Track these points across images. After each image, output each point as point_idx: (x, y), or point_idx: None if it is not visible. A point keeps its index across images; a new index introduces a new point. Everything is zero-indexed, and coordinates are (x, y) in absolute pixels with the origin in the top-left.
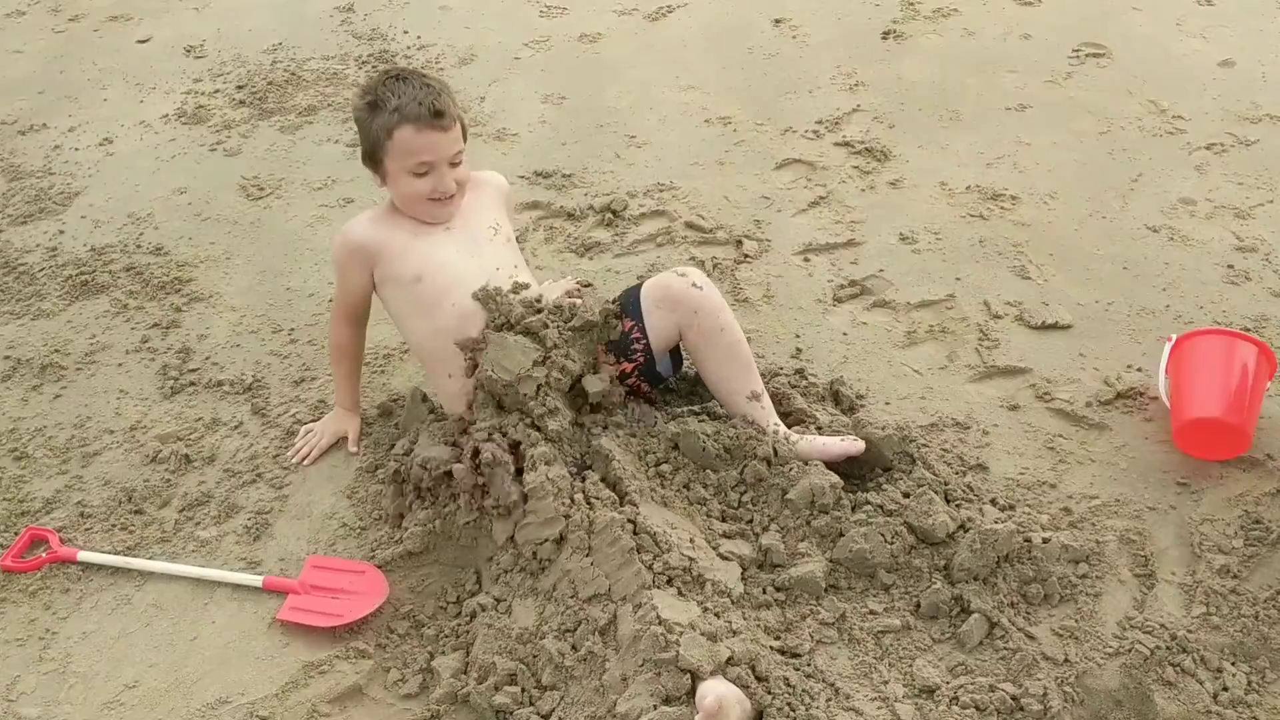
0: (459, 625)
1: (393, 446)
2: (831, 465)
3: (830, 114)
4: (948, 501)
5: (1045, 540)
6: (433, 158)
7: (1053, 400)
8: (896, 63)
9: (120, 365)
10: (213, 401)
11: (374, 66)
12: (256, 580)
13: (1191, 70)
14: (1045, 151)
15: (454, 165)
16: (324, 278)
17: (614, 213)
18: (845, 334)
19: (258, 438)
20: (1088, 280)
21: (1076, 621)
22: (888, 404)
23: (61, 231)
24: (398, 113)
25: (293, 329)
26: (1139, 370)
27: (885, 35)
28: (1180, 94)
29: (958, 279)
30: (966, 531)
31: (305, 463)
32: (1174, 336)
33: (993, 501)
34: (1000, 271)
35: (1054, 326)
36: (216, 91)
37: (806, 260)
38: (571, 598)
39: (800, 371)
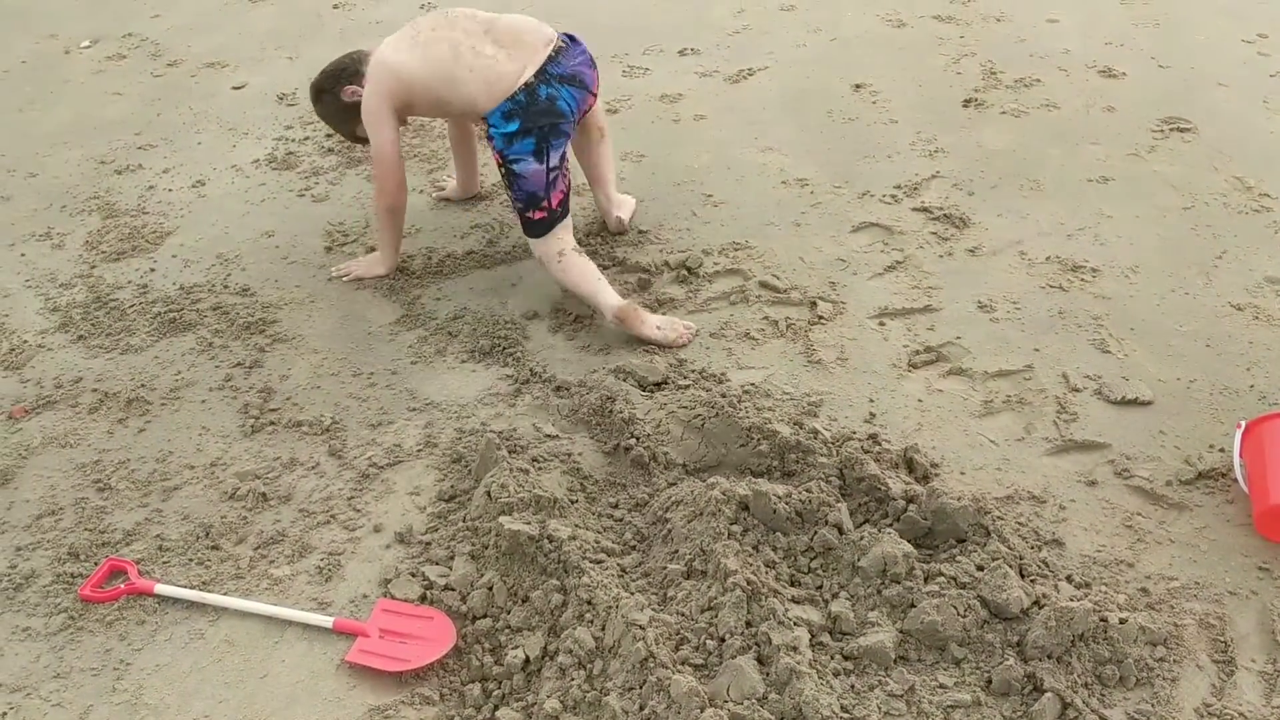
0: (524, 678)
1: (469, 495)
2: (905, 535)
3: (909, 179)
4: (1022, 576)
5: (1122, 621)
6: None
7: (1132, 477)
8: (977, 131)
9: (204, 402)
10: (291, 441)
11: None
12: (327, 621)
13: (1278, 148)
14: (1127, 224)
15: None
16: (404, 324)
17: (689, 270)
18: (920, 400)
19: (333, 479)
20: (1169, 356)
21: (1152, 706)
22: (963, 474)
23: (153, 269)
24: None
25: (372, 373)
26: (1221, 450)
27: (966, 103)
28: (1267, 171)
29: (1036, 350)
30: (1041, 608)
31: (343, 279)
32: (1244, 422)
33: (1068, 578)
34: (1080, 344)
35: (1134, 402)
36: (306, 139)
37: (882, 324)
38: (634, 664)
39: (874, 437)
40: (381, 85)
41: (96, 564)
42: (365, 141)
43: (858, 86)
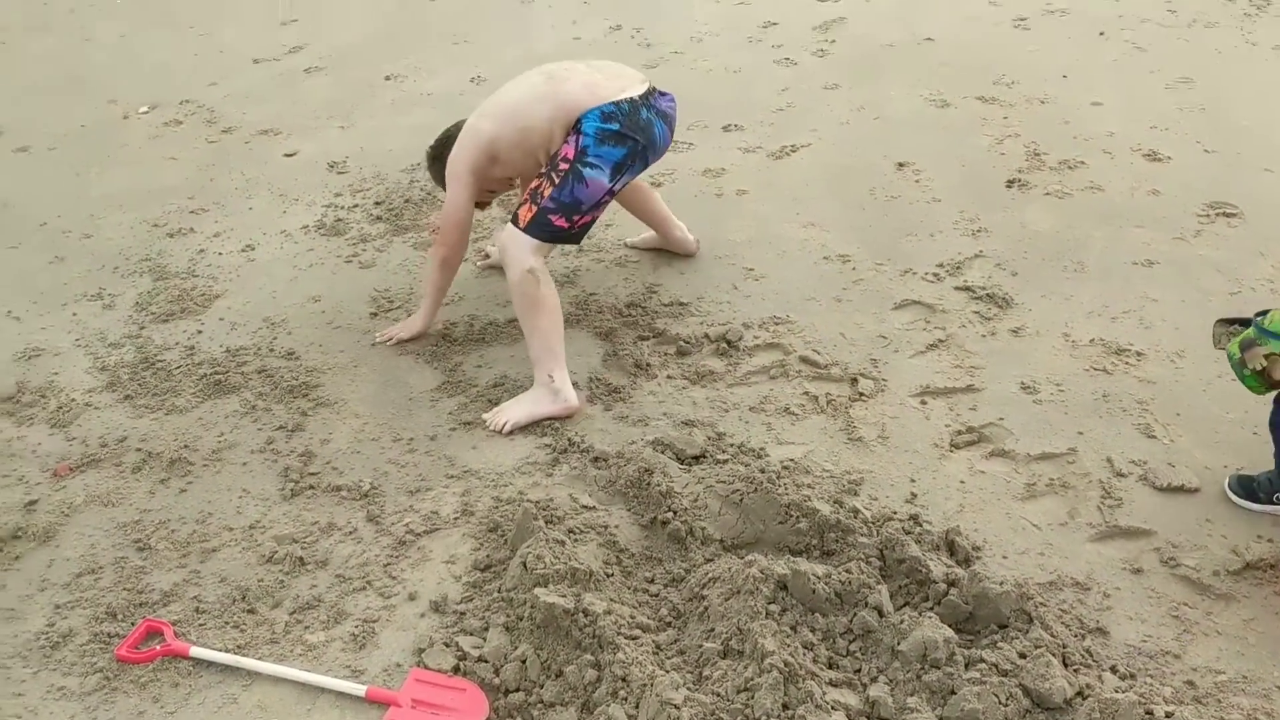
0: None
1: (505, 565)
2: (945, 619)
3: (951, 258)
4: (1065, 665)
5: (1169, 715)
6: None
7: (1178, 566)
8: (1020, 211)
9: (245, 464)
10: (330, 506)
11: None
12: (360, 690)
13: None
14: (1172, 309)
15: None
16: (445, 391)
17: (729, 343)
18: (962, 482)
19: (370, 545)
20: (1216, 444)
21: None
22: (1005, 558)
23: (200, 331)
24: None
25: (412, 439)
26: (1269, 541)
27: (1010, 184)
28: None
29: (1080, 433)
30: (1085, 699)
31: (387, 344)
32: None
33: (1113, 669)
34: (1124, 428)
35: (1180, 489)
36: (355, 206)
37: (924, 403)
38: None
39: (915, 518)
40: (463, 149)
41: (133, 624)
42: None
43: (901, 165)
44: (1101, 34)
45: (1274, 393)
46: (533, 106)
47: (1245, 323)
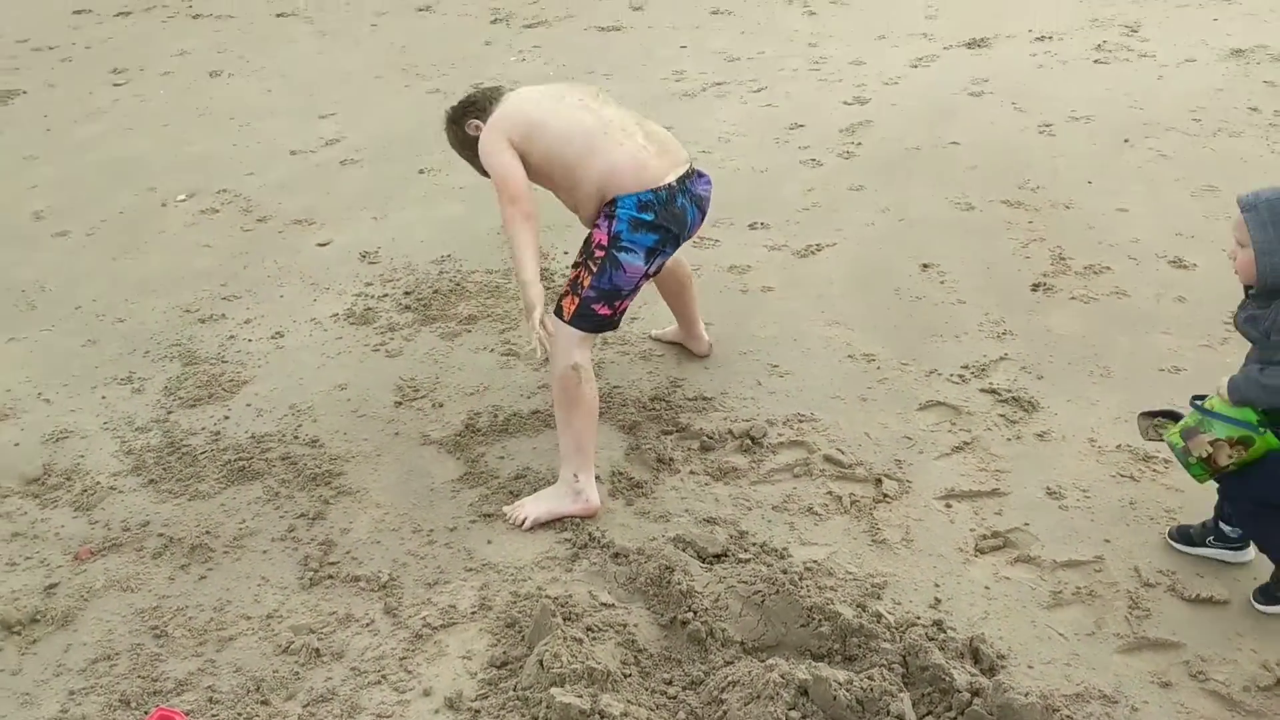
0: None
1: (521, 662)
2: None
3: (977, 360)
4: None
5: None
6: None
7: (1208, 680)
8: (1046, 315)
9: (265, 552)
10: (348, 596)
11: None
12: None
13: None
14: None
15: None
16: (466, 482)
17: (753, 439)
18: (987, 588)
19: (386, 638)
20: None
21: None
22: (1030, 668)
23: (226, 417)
24: None
25: (432, 530)
26: None
27: (1035, 287)
28: None
29: (1107, 541)
30: None
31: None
32: None
33: None
34: (1152, 537)
35: (1209, 601)
36: (385, 295)
37: (948, 506)
38: None
39: (939, 624)
40: (503, 120)
41: (146, 712)
42: (487, 175)
43: (925, 266)
44: (1126, 141)
45: (1216, 479)
46: (584, 159)
47: (1168, 414)
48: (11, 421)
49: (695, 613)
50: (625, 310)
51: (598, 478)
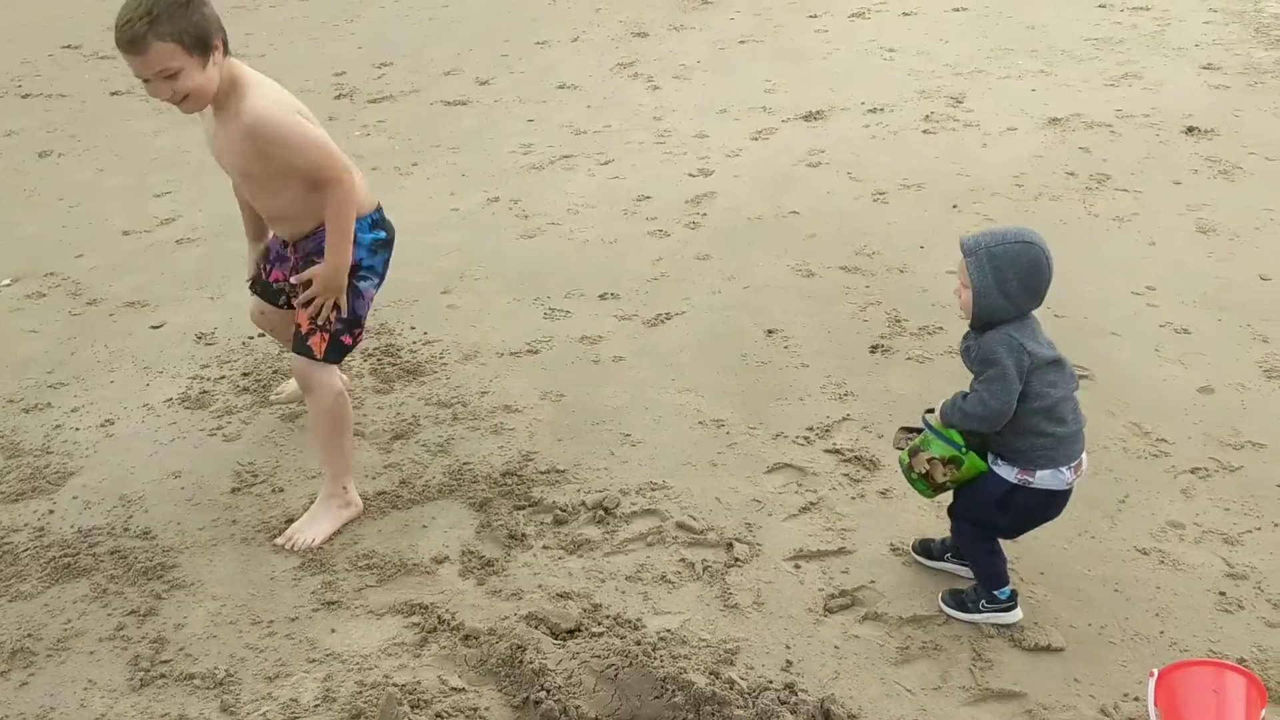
0: None
1: None
2: None
3: (820, 421)
4: None
5: None
6: (138, 74)
7: None
8: (884, 375)
9: (92, 653)
10: (181, 696)
11: (379, 360)
12: None
13: (1172, 395)
14: None
15: (168, 79)
16: (308, 569)
17: (606, 510)
18: (837, 647)
19: None
20: (1079, 602)
21: None
22: None
23: (51, 511)
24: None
25: (272, 621)
26: (1135, 699)
27: (874, 349)
28: (1162, 418)
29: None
30: None
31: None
32: (1156, 670)
33: None
34: None
35: (1046, 649)
36: (222, 378)
37: (797, 567)
38: None
39: (790, 686)
40: (287, 98)
41: None
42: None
43: (770, 332)
44: (955, 207)
45: (943, 497)
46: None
47: (920, 431)
48: None
49: (548, 691)
50: (361, 335)
51: (446, 557)
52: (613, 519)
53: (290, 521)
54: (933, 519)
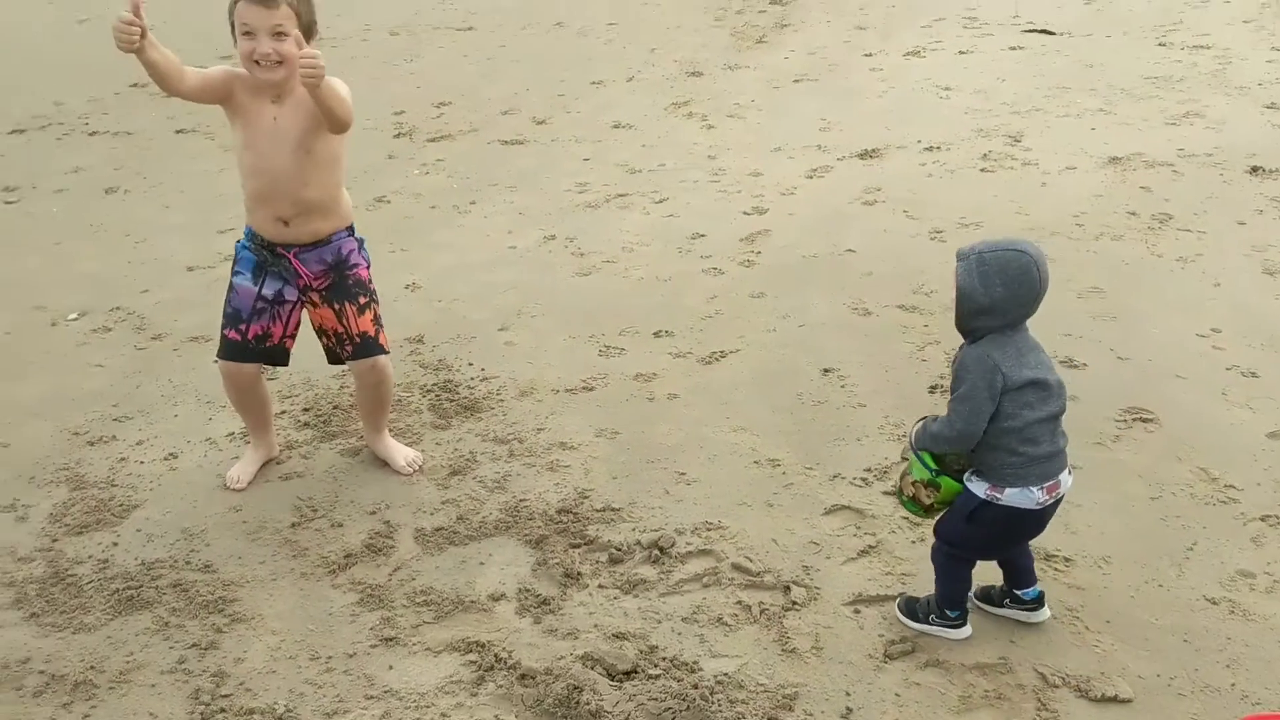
0: None
1: None
2: None
3: (879, 463)
4: None
5: None
6: (251, 24)
7: None
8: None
9: (153, 686)
10: None
11: (437, 396)
12: None
13: (1240, 440)
14: (1096, 513)
15: (277, 36)
16: (366, 605)
17: (661, 550)
18: (898, 694)
19: None
20: (1147, 652)
21: None
22: None
23: (115, 544)
24: None
25: (330, 657)
26: None
27: (932, 389)
28: (1230, 464)
29: (1012, 641)
30: None
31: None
32: None
33: None
34: (1056, 636)
35: (1114, 700)
36: (283, 413)
37: (857, 611)
38: None
39: None
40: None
41: None
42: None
43: (826, 371)
44: None
45: (934, 518)
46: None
47: None
48: None
49: None
50: (260, 336)
51: (502, 595)
52: (668, 559)
53: (349, 556)
54: (993, 564)
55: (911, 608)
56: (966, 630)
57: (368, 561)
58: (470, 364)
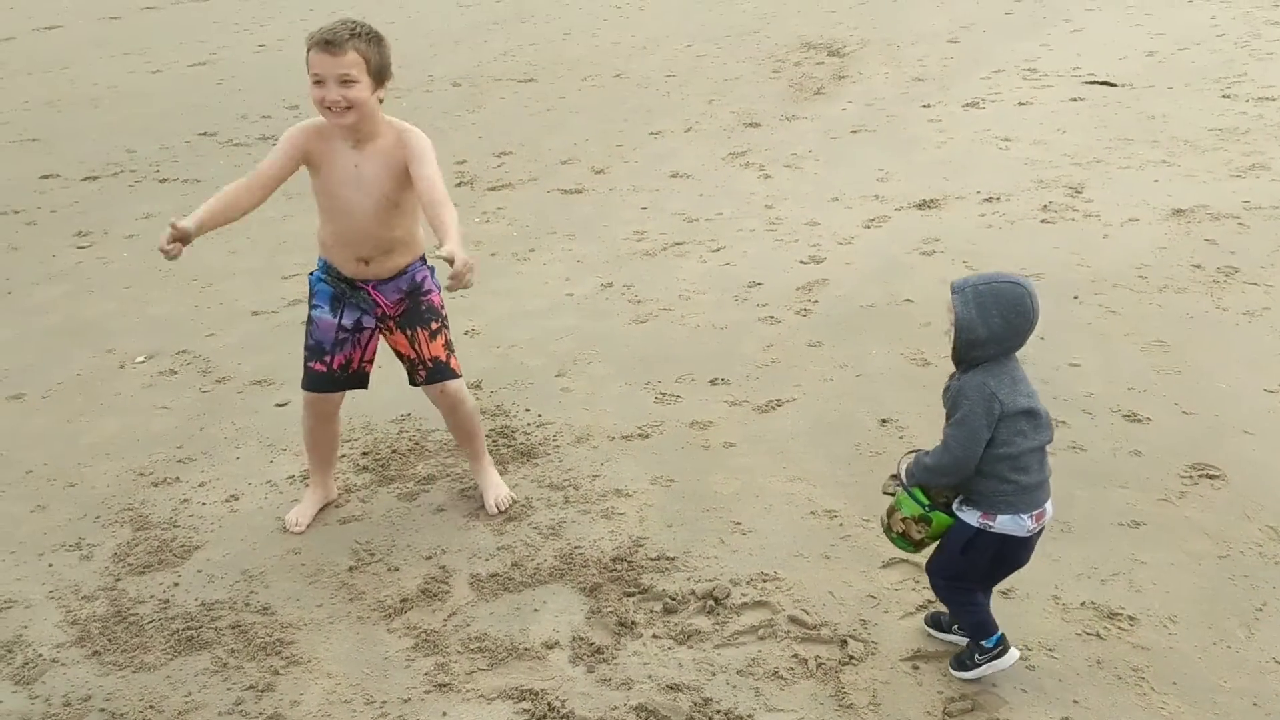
0: None
1: None
2: None
3: None
4: None
5: None
6: (320, 73)
7: None
8: None
9: None
10: None
11: (494, 441)
12: None
13: None
14: (1162, 571)
15: (344, 84)
16: (421, 650)
17: (716, 600)
18: None
19: None
20: (1215, 716)
21: None
22: None
23: (176, 584)
24: (309, 39)
25: (384, 702)
26: None
27: None
28: None
29: (1075, 701)
30: None
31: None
32: None
33: None
34: (1121, 698)
35: None
36: (342, 456)
37: (915, 668)
38: None
39: None
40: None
41: None
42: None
43: (884, 421)
44: (1075, 298)
45: (922, 551)
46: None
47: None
48: None
49: None
50: (344, 365)
51: (556, 643)
52: (723, 609)
53: (405, 601)
54: (1057, 621)
55: (960, 661)
56: (1014, 653)
57: (423, 606)
58: (527, 409)
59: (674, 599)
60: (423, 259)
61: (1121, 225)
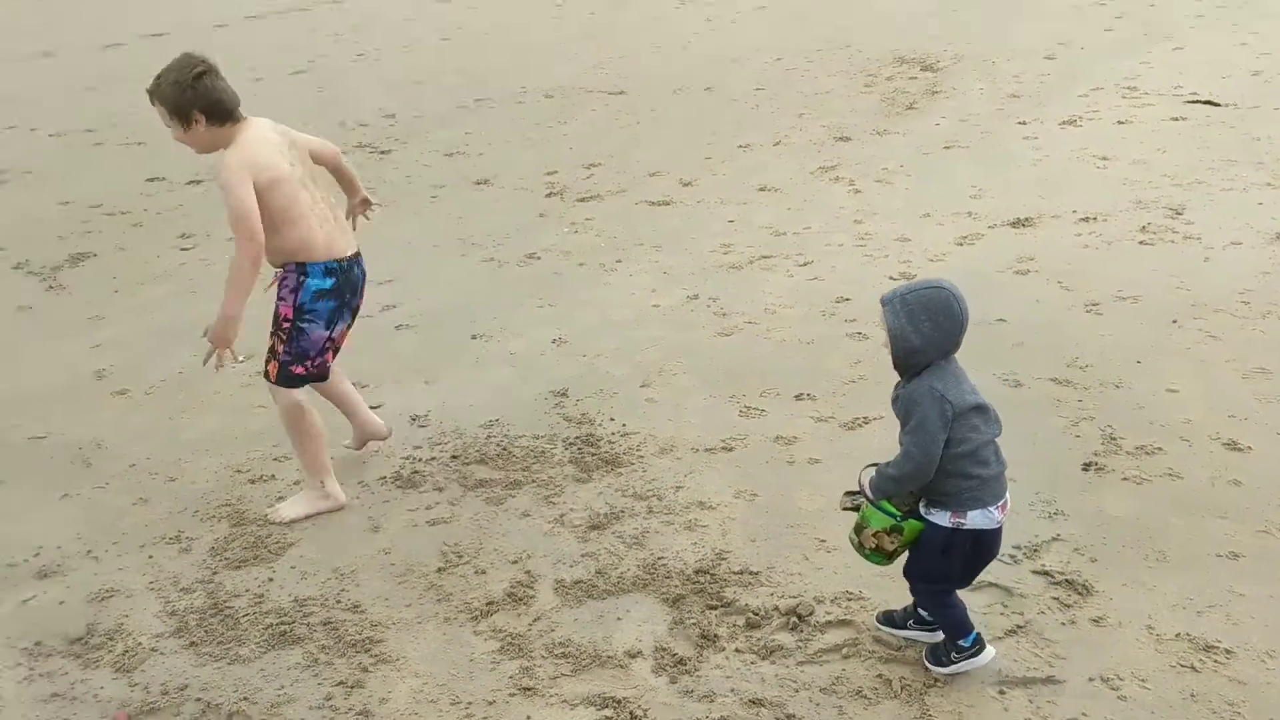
0: None
1: None
2: None
3: (1028, 540)
4: None
5: None
6: None
7: None
8: (1098, 495)
9: None
10: None
11: (580, 450)
12: None
13: None
14: (1260, 604)
15: (168, 126)
16: (506, 653)
17: (799, 617)
18: None
19: None
20: None
21: None
22: None
23: (271, 579)
24: None
25: (470, 703)
26: None
27: (1086, 467)
28: None
29: None
30: None
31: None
32: None
33: None
34: None
35: None
36: (433, 459)
37: (1001, 693)
38: None
39: None
40: (253, 161)
41: None
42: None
43: None
44: (1174, 322)
45: (895, 561)
46: (296, 222)
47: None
48: (58, 579)
49: None
50: (324, 365)
51: (639, 651)
52: (807, 626)
53: (491, 604)
54: (1151, 652)
55: (936, 656)
56: (990, 651)
57: (509, 610)
58: (612, 419)
59: (757, 614)
60: (302, 272)
61: (1223, 248)
